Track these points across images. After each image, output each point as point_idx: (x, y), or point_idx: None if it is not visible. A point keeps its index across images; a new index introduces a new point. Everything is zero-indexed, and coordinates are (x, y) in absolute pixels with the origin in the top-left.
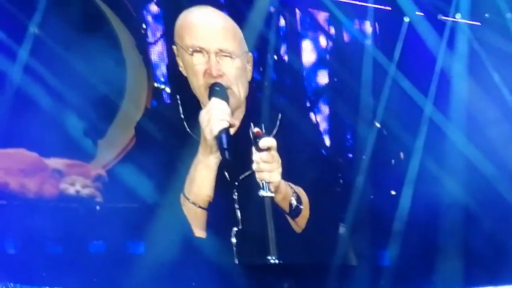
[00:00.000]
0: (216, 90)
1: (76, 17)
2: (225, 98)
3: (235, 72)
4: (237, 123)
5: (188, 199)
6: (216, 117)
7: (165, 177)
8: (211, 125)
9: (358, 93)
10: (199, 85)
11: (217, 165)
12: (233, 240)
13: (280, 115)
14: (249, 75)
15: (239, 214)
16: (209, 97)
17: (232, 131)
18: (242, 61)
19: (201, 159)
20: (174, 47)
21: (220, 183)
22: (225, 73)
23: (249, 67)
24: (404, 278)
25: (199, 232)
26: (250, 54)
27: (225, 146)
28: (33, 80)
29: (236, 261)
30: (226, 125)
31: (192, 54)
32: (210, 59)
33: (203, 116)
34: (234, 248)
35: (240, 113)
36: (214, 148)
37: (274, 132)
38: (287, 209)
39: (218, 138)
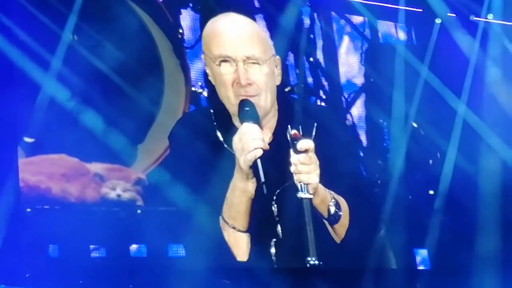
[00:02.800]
0: (246, 111)
1: (112, 23)
2: (256, 118)
3: (264, 78)
4: (267, 133)
5: (227, 223)
6: (250, 146)
7: (198, 184)
8: (245, 155)
9: (391, 95)
10: (227, 96)
11: (254, 189)
12: (272, 250)
13: (315, 123)
14: (278, 79)
15: (279, 226)
16: (239, 117)
17: (266, 137)
18: (269, 66)
19: (238, 185)
20: (202, 56)
21: (258, 197)
22: (254, 81)
23: (278, 71)
24: (443, 281)
25: (241, 256)
26: (278, 57)
27: (262, 179)
28: (70, 87)
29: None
30: (260, 153)
31: (220, 64)
32: (238, 68)
33: (237, 144)
34: (273, 258)
35: (272, 117)
36: (250, 175)
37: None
38: (325, 214)
39: (254, 167)
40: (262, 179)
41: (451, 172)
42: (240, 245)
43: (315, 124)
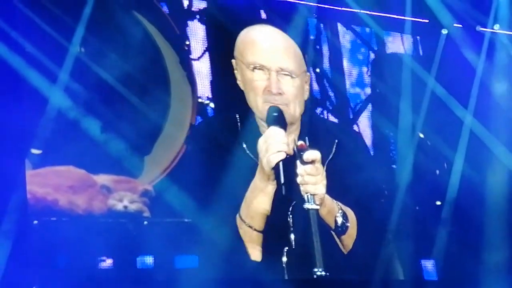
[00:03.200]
0: (274, 116)
1: (119, 35)
2: (283, 123)
3: (294, 91)
4: (291, 143)
5: (244, 221)
6: (274, 148)
7: (210, 193)
8: (269, 157)
9: (399, 105)
10: (256, 100)
11: (274, 191)
12: (284, 258)
13: (336, 140)
14: (306, 95)
15: (292, 236)
16: (267, 121)
17: (291, 145)
18: (301, 80)
19: (258, 185)
20: (233, 61)
21: (277, 203)
22: (284, 92)
23: (307, 87)
24: None
25: (255, 254)
26: (308, 74)
27: (282, 181)
28: (76, 99)
29: (286, 277)
30: (283, 156)
31: (253, 70)
32: (270, 77)
33: (261, 145)
34: (285, 266)
35: (296, 129)
36: (271, 177)
37: (330, 157)
38: (332, 225)
39: (275, 169)
40: (282, 181)
41: (458, 182)
42: (255, 245)
43: (336, 141)
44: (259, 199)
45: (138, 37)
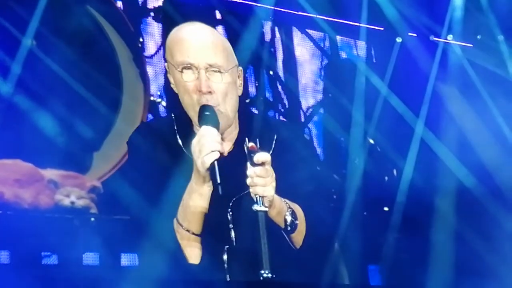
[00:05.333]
0: (206, 115)
1: (72, 29)
2: (215, 122)
3: (225, 87)
4: (229, 144)
5: (181, 225)
6: (207, 149)
7: (156, 192)
8: (203, 158)
9: (351, 111)
10: (189, 103)
11: (211, 193)
12: (224, 257)
13: (276, 135)
14: (239, 90)
15: (233, 233)
16: (199, 122)
17: (226, 148)
18: (231, 75)
19: (195, 188)
20: (165, 64)
21: (214, 202)
22: (215, 90)
23: (240, 82)
24: None
25: (193, 257)
26: (240, 68)
27: (218, 181)
28: (27, 92)
29: (228, 278)
30: (217, 156)
31: (182, 71)
32: (200, 75)
33: (195, 146)
34: (226, 265)
35: (234, 130)
36: (207, 178)
37: (270, 152)
38: (282, 224)
39: (210, 169)
40: (218, 181)
41: (407, 189)
42: (192, 248)
43: (275, 136)
44: (196, 201)
45: (92, 32)
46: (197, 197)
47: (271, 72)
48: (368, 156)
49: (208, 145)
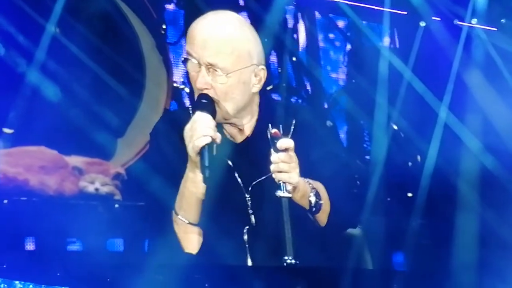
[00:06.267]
0: (203, 102)
1: (95, 17)
2: (211, 110)
3: (224, 88)
4: (247, 131)
5: (177, 214)
6: (199, 133)
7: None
8: (194, 142)
9: (374, 97)
10: (195, 91)
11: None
12: (245, 237)
13: (294, 121)
14: (255, 88)
15: (253, 218)
16: (193, 108)
17: (248, 131)
18: (239, 76)
19: (189, 175)
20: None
21: (233, 188)
22: (213, 87)
23: (256, 80)
24: (418, 283)
25: (190, 249)
26: (261, 67)
27: (206, 164)
28: (53, 80)
29: (250, 262)
30: (208, 140)
31: (187, 61)
32: (200, 70)
33: (187, 132)
34: (247, 246)
35: (252, 117)
36: (199, 164)
37: (289, 137)
38: (307, 206)
39: (201, 154)
40: (207, 163)
41: (431, 175)
42: (189, 238)
43: (294, 121)
44: (190, 189)
45: (115, 19)
46: (191, 185)
47: (294, 58)
48: (391, 142)
49: (199, 130)
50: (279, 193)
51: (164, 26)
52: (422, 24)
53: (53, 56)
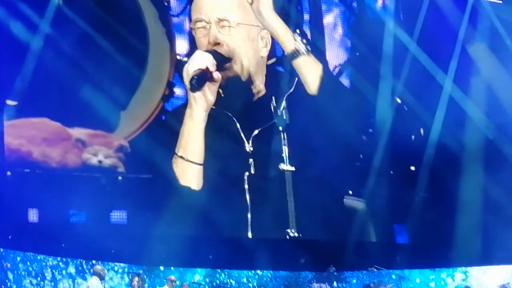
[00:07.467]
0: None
1: None
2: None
3: (236, 41)
4: (261, 89)
5: (177, 154)
6: (194, 65)
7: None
8: (188, 70)
9: (379, 69)
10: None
11: (202, 117)
12: (246, 186)
13: (297, 78)
14: (263, 52)
15: (252, 165)
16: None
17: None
18: (248, 31)
19: (187, 111)
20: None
21: (234, 139)
22: (224, 41)
23: (262, 44)
24: (421, 255)
25: (190, 183)
26: (265, 31)
27: (195, 77)
28: (56, 52)
29: (250, 234)
30: (203, 66)
31: (196, 28)
32: (210, 29)
33: (185, 68)
34: (248, 194)
35: (261, 90)
36: (197, 100)
37: (290, 91)
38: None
39: (194, 84)
40: (195, 77)
41: (434, 148)
42: (188, 176)
43: (296, 79)
44: (188, 125)
45: None
46: (189, 121)
47: (297, 31)
48: (395, 115)
49: (195, 63)
50: (282, 166)
51: None
52: None
53: (56, 29)
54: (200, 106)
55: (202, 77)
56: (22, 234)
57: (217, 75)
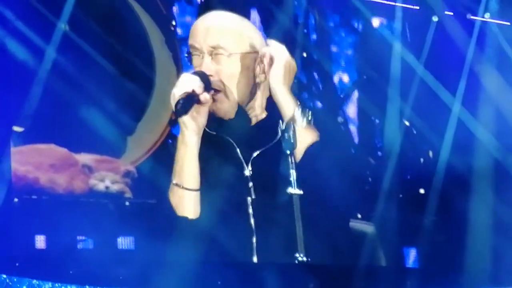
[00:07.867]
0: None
1: (105, 13)
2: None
3: (229, 71)
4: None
5: (172, 182)
6: (180, 89)
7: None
8: (174, 94)
9: (386, 92)
10: None
11: (194, 142)
12: (250, 210)
13: (310, 112)
14: (259, 78)
15: (252, 189)
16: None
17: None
18: (243, 60)
19: (179, 137)
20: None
21: (231, 159)
22: (217, 72)
23: (258, 69)
24: (432, 279)
25: (187, 213)
26: (263, 53)
27: (180, 101)
28: (62, 77)
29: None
30: (189, 90)
31: (190, 57)
32: (203, 59)
33: (172, 92)
34: (252, 219)
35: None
36: (187, 125)
37: (308, 121)
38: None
39: (180, 108)
40: (180, 102)
41: (443, 171)
42: (184, 204)
43: (310, 112)
44: (181, 152)
45: (124, 15)
46: (182, 147)
47: (304, 54)
48: (403, 138)
49: (181, 85)
50: (290, 190)
51: (173, 22)
52: (435, 19)
53: (63, 54)
54: (191, 130)
55: (188, 101)
56: (30, 261)
57: (204, 97)
